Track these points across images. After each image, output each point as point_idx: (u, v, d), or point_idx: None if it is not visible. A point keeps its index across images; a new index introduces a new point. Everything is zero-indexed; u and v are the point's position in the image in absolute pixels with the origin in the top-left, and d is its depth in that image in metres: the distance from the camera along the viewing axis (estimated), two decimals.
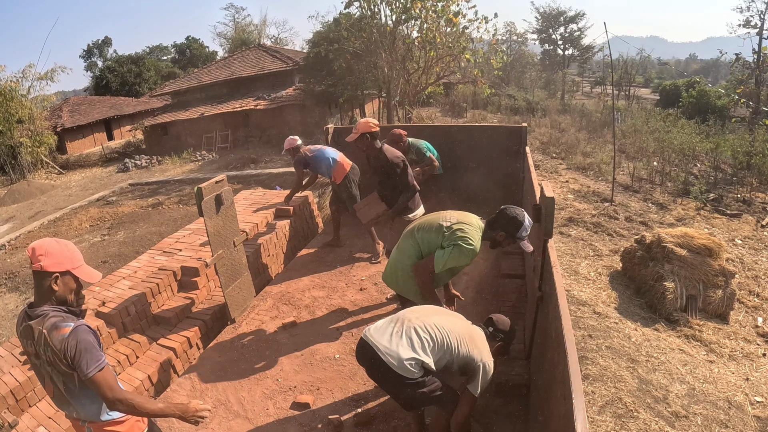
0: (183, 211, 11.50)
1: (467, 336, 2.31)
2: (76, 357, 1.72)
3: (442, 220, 2.71)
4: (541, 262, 2.70)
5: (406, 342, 2.20)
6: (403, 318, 2.33)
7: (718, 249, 5.15)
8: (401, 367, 2.15)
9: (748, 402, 3.70)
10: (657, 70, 51.59)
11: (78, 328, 1.76)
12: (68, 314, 1.81)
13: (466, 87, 22.95)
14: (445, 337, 2.24)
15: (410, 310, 2.41)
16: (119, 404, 1.78)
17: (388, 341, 2.21)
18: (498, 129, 5.86)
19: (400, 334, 2.23)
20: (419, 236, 2.74)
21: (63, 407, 1.90)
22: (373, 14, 13.15)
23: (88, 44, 42.58)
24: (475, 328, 2.44)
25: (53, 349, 1.72)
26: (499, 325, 2.48)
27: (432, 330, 2.24)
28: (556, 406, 1.77)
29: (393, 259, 2.91)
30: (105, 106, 26.74)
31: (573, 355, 1.63)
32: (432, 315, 2.36)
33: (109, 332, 3.53)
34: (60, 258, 1.80)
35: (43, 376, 1.83)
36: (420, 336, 2.22)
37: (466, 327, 2.39)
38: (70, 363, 1.73)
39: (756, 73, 12.41)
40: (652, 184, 9.60)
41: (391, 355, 2.16)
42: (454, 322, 2.35)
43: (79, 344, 1.73)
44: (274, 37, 39.20)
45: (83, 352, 1.73)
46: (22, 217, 14.05)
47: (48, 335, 1.73)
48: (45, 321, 1.76)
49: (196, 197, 3.60)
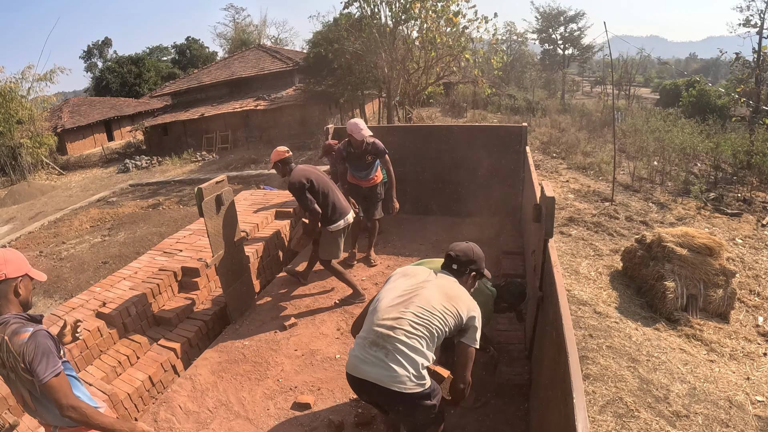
0: (183, 212, 11.51)
1: (445, 298, 2.13)
2: (33, 361, 1.74)
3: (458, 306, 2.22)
4: (541, 261, 2.70)
5: (402, 360, 2.02)
6: (382, 336, 2.07)
7: (718, 248, 5.15)
8: (413, 385, 2.00)
9: (749, 401, 3.70)
10: (657, 70, 51.60)
11: (37, 333, 1.78)
12: (28, 321, 1.83)
13: (466, 87, 22.95)
14: (431, 321, 2.07)
15: (379, 324, 2.11)
16: (72, 411, 1.79)
17: (385, 370, 2.02)
18: (498, 129, 5.86)
19: (387, 355, 2.03)
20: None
21: (32, 414, 1.91)
22: (372, 14, 13.15)
23: (88, 45, 42.64)
24: (444, 280, 2.23)
25: (14, 355, 1.74)
26: (461, 257, 2.29)
27: (418, 326, 2.06)
28: (557, 406, 1.77)
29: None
30: (105, 106, 26.75)
31: (574, 355, 1.63)
32: (401, 311, 2.10)
33: (110, 333, 3.53)
34: (18, 263, 1.85)
35: (8, 384, 1.85)
36: (410, 343, 2.04)
37: (438, 288, 2.18)
38: (27, 367, 1.74)
39: (756, 72, 12.40)
40: (653, 184, 9.60)
41: (397, 380, 2.00)
42: (426, 297, 2.13)
43: (37, 348, 1.75)
44: (274, 37, 39.23)
45: (40, 356, 1.75)
46: (23, 218, 14.06)
47: (9, 341, 1.75)
48: (6, 328, 1.77)
49: (197, 198, 3.60)
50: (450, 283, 2.24)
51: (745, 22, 13.11)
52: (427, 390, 2.04)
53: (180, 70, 37.65)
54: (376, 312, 2.16)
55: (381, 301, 2.20)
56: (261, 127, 19.17)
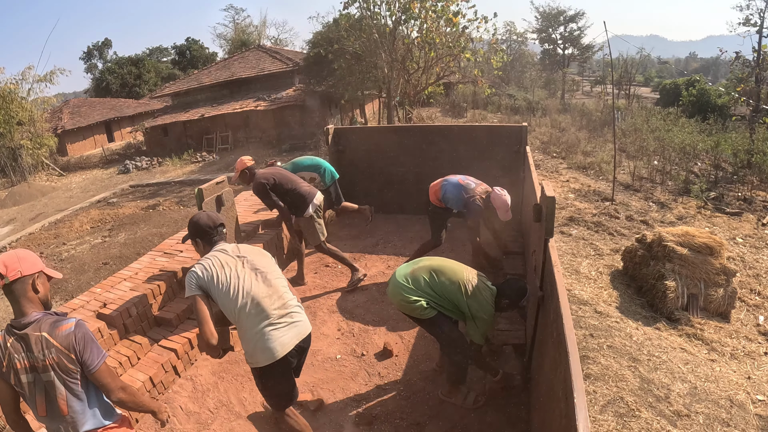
0: (184, 213, 11.51)
1: (262, 257, 2.48)
2: (84, 348, 1.76)
3: (463, 279, 2.83)
4: (542, 261, 2.70)
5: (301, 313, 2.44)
6: (280, 313, 2.34)
7: (719, 247, 5.14)
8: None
9: (750, 400, 3.70)
10: (657, 69, 51.61)
11: (80, 322, 1.81)
12: (59, 315, 1.83)
13: (466, 87, 22.96)
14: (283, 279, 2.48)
15: (273, 308, 2.32)
16: (122, 392, 1.84)
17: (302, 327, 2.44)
18: (498, 129, 5.86)
19: (295, 313, 2.40)
20: (438, 279, 2.83)
21: (57, 422, 1.81)
22: (372, 14, 13.15)
23: (88, 46, 42.71)
24: (232, 247, 2.47)
25: (57, 348, 1.72)
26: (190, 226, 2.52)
27: (284, 287, 2.44)
28: (558, 406, 1.77)
29: (397, 284, 2.87)
30: (105, 107, 26.78)
31: (574, 355, 1.63)
32: (269, 290, 2.34)
33: (111, 334, 3.53)
34: (32, 260, 1.81)
35: (35, 393, 1.76)
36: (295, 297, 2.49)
37: (248, 253, 2.45)
38: (77, 356, 1.75)
39: (756, 71, 12.37)
40: (653, 183, 9.60)
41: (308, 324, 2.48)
42: (260, 270, 2.38)
43: (85, 336, 1.79)
44: (273, 38, 39.24)
45: (90, 342, 1.79)
46: (23, 219, 14.07)
47: (50, 335, 1.73)
48: (40, 325, 1.75)
49: (197, 198, 3.61)
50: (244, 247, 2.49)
51: (744, 21, 13.08)
52: None
53: (180, 71, 37.69)
54: (259, 306, 2.27)
55: (237, 296, 2.26)
56: (261, 127, 19.18)
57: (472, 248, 4.70)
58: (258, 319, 2.25)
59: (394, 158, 6.14)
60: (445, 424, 2.86)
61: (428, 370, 3.31)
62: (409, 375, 3.29)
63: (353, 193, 6.53)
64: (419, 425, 2.87)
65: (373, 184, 6.33)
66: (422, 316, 2.80)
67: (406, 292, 2.81)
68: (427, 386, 3.16)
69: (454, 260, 3.02)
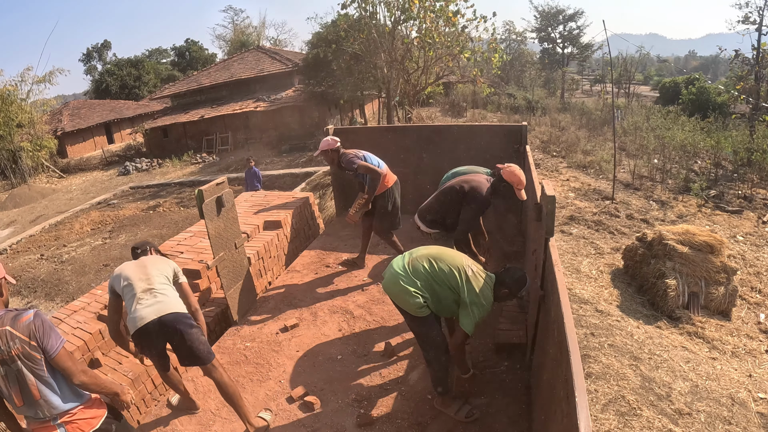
0: (184, 214, 11.52)
1: (152, 264, 2.95)
2: (44, 335, 1.92)
3: (462, 264, 2.82)
4: (542, 260, 2.70)
5: (164, 296, 2.79)
6: (145, 290, 2.77)
7: (719, 246, 5.14)
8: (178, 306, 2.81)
9: (752, 398, 3.70)
10: (656, 68, 51.62)
11: (38, 312, 1.98)
12: (19, 310, 1.99)
13: (466, 86, 22.96)
14: (163, 273, 2.91)
15: (140, 287, 2.79)
16: (83, 375, 2.00)
17: (158, 305, 2.74)
18: (498, 128, 5.86)
19: (157, 295, 2.77)
20: (437, 266, 2.80)
21: (34, 408, 1.96)
22: (371, 15, 13.15)
23: (88, 48, 42.75)
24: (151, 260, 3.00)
25: (20, 338, 1.88)
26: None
27: (161, 276, 2.87)
28: (559, 405, 1.77)
29: (396, 274, 2.86)
30: (105, 109, 26.79)
31: (575, 354, 1.63)
32: (146, 277, 2.83)
33: None
34: None
35: (8, 384, 1.91)
36: (166, 284, 2.88)
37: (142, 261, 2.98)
38: (38, 343, 1.90)
39: (755, 69, 12.37)
40: (653, 182, 9.60)
41: (172, 306, 2.81)
42: (146, 267, 2.90)
43: (44, 323, 1.96)
44: (273, 38, 39.28)
45: (49, 329, 1.95)
46: (24, 221, 14.07)
47: (12, 327, 1.89)
48: (3, 320, 1.91)
49: (197, 200, 3.60)
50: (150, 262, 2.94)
51: (744, 19, 13.08)
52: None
53: (179, 72, 37.71)
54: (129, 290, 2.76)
55: (127, 285, 2.78)
56: (261, 128, 19.18)
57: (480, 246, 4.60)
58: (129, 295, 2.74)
59: (394, 158, 6.12)
60: (446, 424, 2.86)
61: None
62: (411, 375, 3.29)
63: (353, 194, 6.53)
64: (421, 425, 2.87)
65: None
66: (416, 313, 2.79)
67: (405, 282, 2.79)
68: (428, 386, 3.16)
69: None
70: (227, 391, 2.78)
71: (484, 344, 3.56)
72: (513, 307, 3.97)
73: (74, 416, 2.02)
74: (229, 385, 2.79)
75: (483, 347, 3.54)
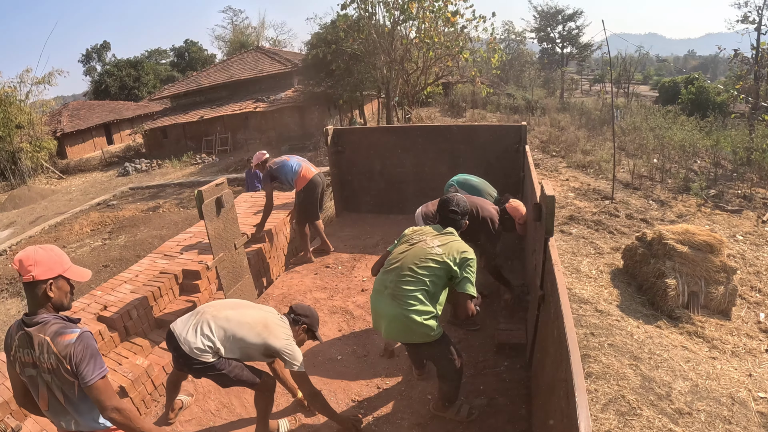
0: (183, 215, 11.51)
1: (261, 325, 2.58)
2: (81, 363, 1.74)
3: (428, 249, 2.56)
4: (542, 260, 2.70)
5: (198, 333, 2.51)
6: (202, 312, 2.63)
7: (719, 245, 5.14)
8: (192, 353, 2.46)
9: (752, 398, 3.70)
10: (656, 67, 51.67)
11: (84, 334, 1.79)
12: (69, 321, 1.83)
13: (465, 86, 22.96)
14: (234, 328, 2.54)
15: (209, 305, 2.70)
16: (116, 413, 1.79)
17: (185, 331, 2.53)
18: (497, 128, 5.86)
19: (195, 327, 2.53)
20: (424, 265, 2.51)
21: (59, 418, 1.86)
22: (370, 15, 13.16)
23: (87, 49, 42.77)
24: (271, 315, 2.70)
25: (57, 356, 1.73)
26: (298, 310, 2.84)
27: (221, 323, 2.55)
28: (559, 405, 1.77)
29: (394, 314, 2.51)
30: (104, 110, 26.80)
31: (575, 354, 1.63)
32: (226, 309, 2.64)
33: (111, 336, 3.53)
34: (50, 264, 1.80)
35: (37, 386, 1.81)
36: (210, 328, 2.53)
37: (261, 317, 2.64)
38: (74, 369, 1.74)
39: (755, 68, 12.39)
40: (653, 181, 9.60)
41: (185, 343, 2.48)
42: (246, 314, 2.63)
43: (85, 350, 1.76)
44: (272, 39, 39.26)
45: (89, 357, 1.76)
46: (23, 222, 14.07)
47: (51, 341, 1.74)
48: (46, 328, 1.76)
49: (197, 200, 3.60)
50: (274, 321, 2.70)
51: (743, 19, 13.10)
52: (206, 363, 2.50)
53: (179, 73, 37.72)
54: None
55: None
56: (260, 128, 19.18)
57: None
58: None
59: (394, 158, 6.15)
60: (446, 424, 2.86)
61: (429, 370, 3.31)
62: (411, 375, 3.29)
63: (353, 194, 6.54)
64: (421, 425, 2.87)
65: (372, 185, 6.34)
66: (432, 338, 2.52)
67: (410, 312, 2.46)
68: (428, 386, 3.16)
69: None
70: (263, 408, 2.77)
71: (484, 344, 3.56)
72: (511, 304, 3.97)
73: None
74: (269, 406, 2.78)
75: (483, 347, 3.53)
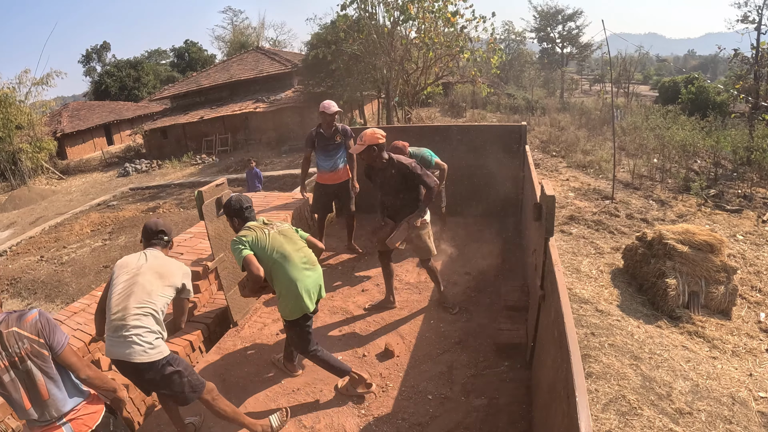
0: (184, 215, 11.52)
1: (157, 278, 2.47)
2: (51, 332, 1.98)
3: (285, 229, 3.04)
4: (542, 260, 2.70)
5: (137, 338, 2.35)
6: (118, 327, 2.37)
7: (719, 245, 5.15)
8: (152, 355, 2.37)
9: (752, 398, 3.70)
10: (655, 67, 51.67)
11: (41, 311, 2.03)
12: (19, 311, 2.04)
13: (465, 87, 22.97)
14: (149, 305, 2.40)
15: (113, 318, 2.41)
16: (89, 370, 2.07)
17: (129, 349, 2.34)
18: (497, 128, 5.86)
19: (129, 336, 2.35)
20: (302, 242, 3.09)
21: (39, 409, 1.99)
22: (370, 15, 13.17)
23: (87, 49, 42.75)
24: (153, 257, 2.57)
25: (28, 337, 1.94)
26: (160, 231, 2.69)
27: (141, 310, 2.38)
28: (560, 405, 1.77)
29: (315, 278, 2.97)
30: (104, 110, 26.80)
31: (576, 354, 1.63)
32: (127, 300, 2.41)
33: None
34: None
35: (17, 388, 1.94)
36: (142, 324, 2.37)
37: (150, 269, 2.49)
38: (46, 340, 1.97)
39: (755, 68, 12.39)
40: (653, 181, 9.60)
41: (143, 352, 2.35)
42: (139, 284, 2.43)
43: (49, 321, 2.02)
44: (272, 39, 39.29)
45: (54, 326, 2.02)
46: (23, 222, 14.07)
47: (18, 328, 1.94)
48: (8, 322, 1.95)
49: (197, 201, 3.60)
50: (159, 261, 2.57)
51: (743, 18, 13.10)
52: (163, 360, 2.42)
53: (179, 74, 37.73)
54: (109, 309, 2.44)
55: (110, 299, 2.45)
56: (260, 129, 19.18)
57: None
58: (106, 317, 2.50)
59: None
60: (446, 424, 2.86)
61: (430, 371, 3.31)
62: (411, 375, 3.29)
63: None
64: (421, 425, 2.87)
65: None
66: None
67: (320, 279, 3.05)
68: (428, 387, 3.16)
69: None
70: (225, 416, 2.69)
71: (484, 344, 3.56)
72: (511, 308, 3.97)
73: (78, 413, 2.07)
74: (226, 411, 2.69)
75: (483, 347, 3.53)
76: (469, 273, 4.61)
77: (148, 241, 2.68)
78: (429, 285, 4.42)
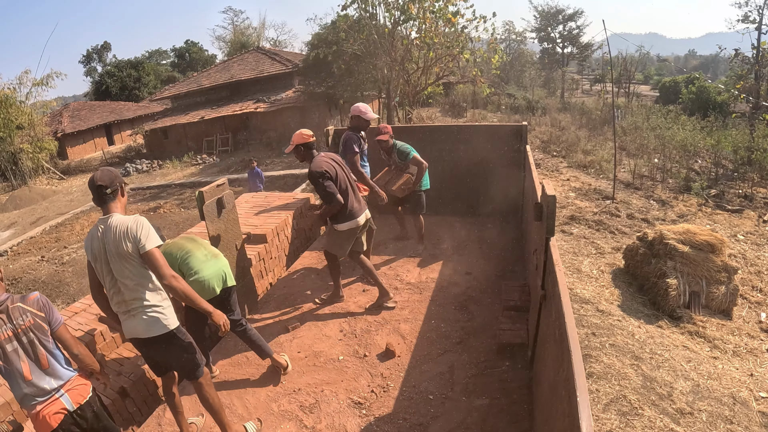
0: (184, 215, 11.52)
1: (120, 259, 2.33)
2: (50, 310, 2.25)
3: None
4: (543, 260, 2.70)
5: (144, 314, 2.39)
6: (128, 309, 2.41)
7: (720, 245, 5.14)
8: (164, 326, 2.44)
9: (753, 398, 3.70)
10: (656, 67, 51.61)
11: (38, 292, 2.31)
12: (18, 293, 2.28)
13: (466, 87, 22.97)
14: (137, 287, 2.37)
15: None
16: (80, 347, 2.35)
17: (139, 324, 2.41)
18: (498, 128, 5.86)
19: (133, 312, 2.40)
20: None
21: (40, 379, 2.18)
22: (371, 15, 13.17)
23: (88, 49, 42.81)
24: (106, 232, 2.37)
25: (32, 311, 2.20)
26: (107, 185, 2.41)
27: (135, 293, 2.38)
28: (561, 405, 1.77)
29: (222, 265, 3.35)
30: (105, 111, 26.82)
31: (577, 354, 1.63)
32: (119, 295, 2.41)
33: (113, 337, 3.54)
34: None
35: (18, 357, 2.14)
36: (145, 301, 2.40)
37: (112, 255, 2.35)
38: (47, 315, 2.23)
39: (755, 68, 12.38)
40: (654, 181, 9.60)
41: (154, 327, 2.41)
42: (115, 276, 2.37)
43: (48, 302, 2.29)
44: (273, 39, 39.31)
45: (52, 306, 2.29)
46: (24, 222, 14.08)
47: (23, 304, 2.19)
48: (12, 299, 2.18)
49: (198, 201, 3.61)
50: (111, 236, 2.35)
51: (743, 18, 13.10)
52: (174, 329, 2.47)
53: (179, 74, 37.75)
54: (111, 304, 2.48)
55: (109, 298, 2.46)
56: (261, 129, 19.19)
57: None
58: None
59: None
60: (447, 424, 2.86)
61: (431, 371, 3.31)
62: (412, 375, 3.29)
63: None
64: (422, 425, 2.87)
65: None
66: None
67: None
68: (429, 386, 3.16)
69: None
70: (210, 405, 2.70)
71: (485, 344, 3.56)
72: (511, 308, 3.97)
73: (73, 383, 2.29)
74: (213, 400, 2.70)
75: (484, 347, 3.54)
76: (470, 273, 4.61)
77: (97, 202, 2.49)
78: (429, 285, 4.43)
